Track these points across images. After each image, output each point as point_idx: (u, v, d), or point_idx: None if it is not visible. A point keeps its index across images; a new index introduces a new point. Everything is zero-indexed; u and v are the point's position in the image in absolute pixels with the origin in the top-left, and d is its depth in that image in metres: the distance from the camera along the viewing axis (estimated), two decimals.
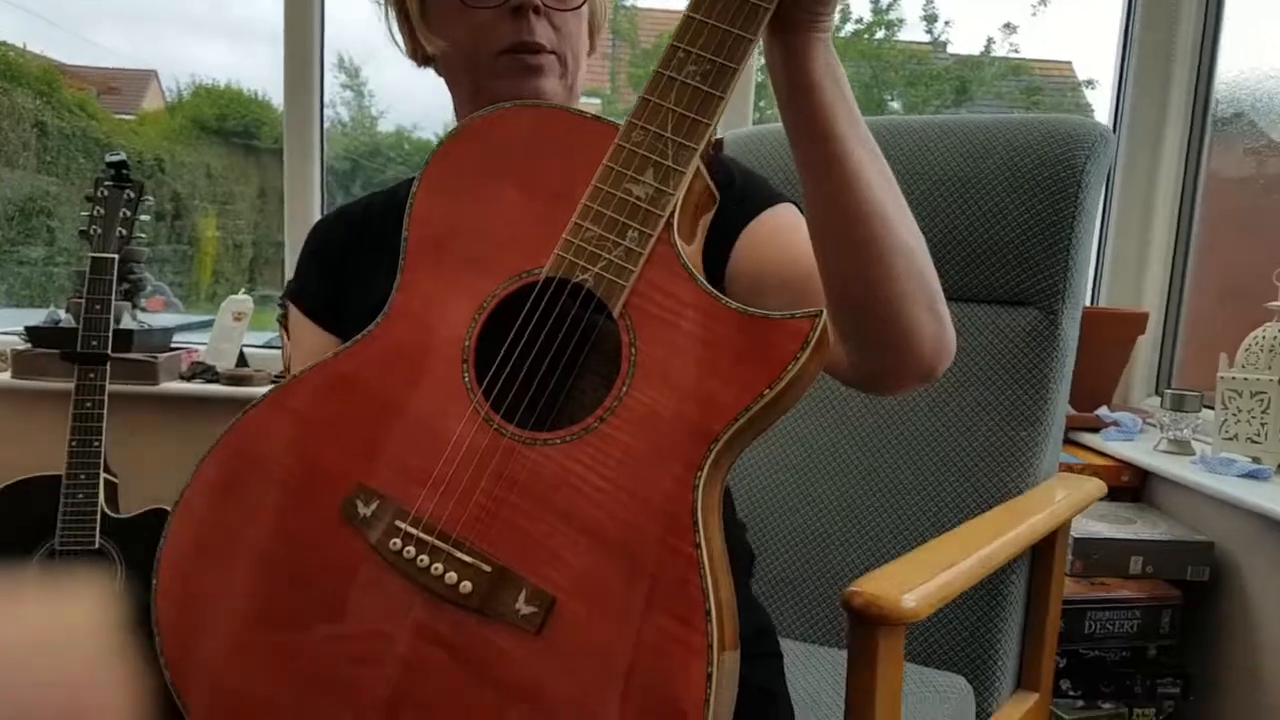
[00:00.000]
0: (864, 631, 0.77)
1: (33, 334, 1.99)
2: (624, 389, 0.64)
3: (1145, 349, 2.06)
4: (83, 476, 1.73)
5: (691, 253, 0.68)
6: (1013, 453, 1.20)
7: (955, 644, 1.18)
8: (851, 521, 1.26)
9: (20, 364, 1.95)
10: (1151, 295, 2.08)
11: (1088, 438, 1.84)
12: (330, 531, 0.67)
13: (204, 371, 2.03)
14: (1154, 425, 1.80)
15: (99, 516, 1.74)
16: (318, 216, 2.24)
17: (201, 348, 2.13)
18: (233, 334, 2.08)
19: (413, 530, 0.65)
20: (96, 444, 1.75)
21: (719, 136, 0.69)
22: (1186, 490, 1.59)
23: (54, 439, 1.80)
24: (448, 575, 0.63)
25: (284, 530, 0.68)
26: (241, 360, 2.08)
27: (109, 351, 1.79)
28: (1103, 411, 1.85)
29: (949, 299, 0.75)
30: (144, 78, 3.18)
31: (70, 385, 1.77)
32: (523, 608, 0.62)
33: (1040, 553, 1.19)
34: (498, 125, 0.74)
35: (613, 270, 0.65)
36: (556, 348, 0.68)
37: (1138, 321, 1.92)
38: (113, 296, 1.80)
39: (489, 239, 0.70)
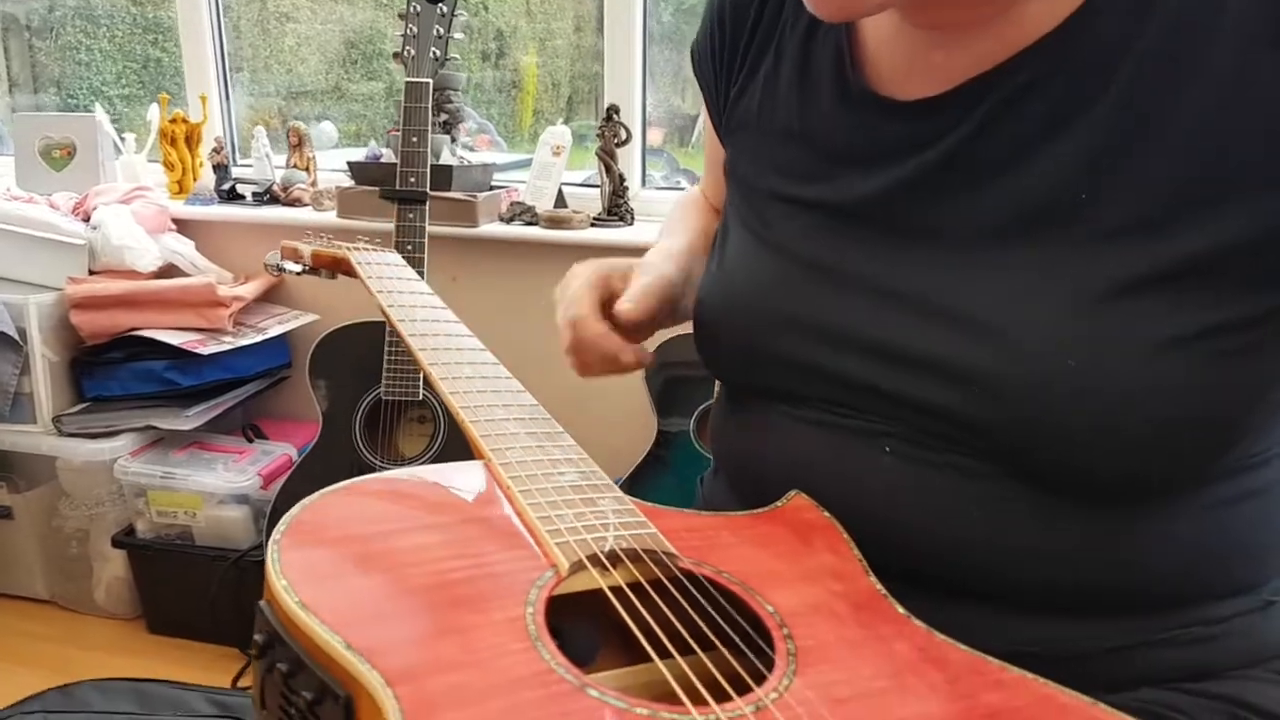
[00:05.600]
0: None
1: (354, 170, 1.90)
2: (771, 611, 0.51)
3: None
4: None
5: None
6: None
7: None
8: None
9: (344, 202, 1.87)
10: None
11: None
12: None
13: (523, 212, 1.86)
14: None
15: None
16: (639, 45, 1.98)
17: (522, 186, 1.97)
18: (551, 170, 1.89)
19: None
20: None
21: None
22: None
23: None
24: None
25: None
26: (560, 200, 1.89)
27: (427, 189, 1.65)
28: None
29: None
30: None
31: (391, 225, 1.66)
32: None
33: None
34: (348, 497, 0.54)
35: (634, 526, 0.55)
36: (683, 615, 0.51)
37: None
38: (429, 128, 1.65)
39: (456, 582, 0.48)
